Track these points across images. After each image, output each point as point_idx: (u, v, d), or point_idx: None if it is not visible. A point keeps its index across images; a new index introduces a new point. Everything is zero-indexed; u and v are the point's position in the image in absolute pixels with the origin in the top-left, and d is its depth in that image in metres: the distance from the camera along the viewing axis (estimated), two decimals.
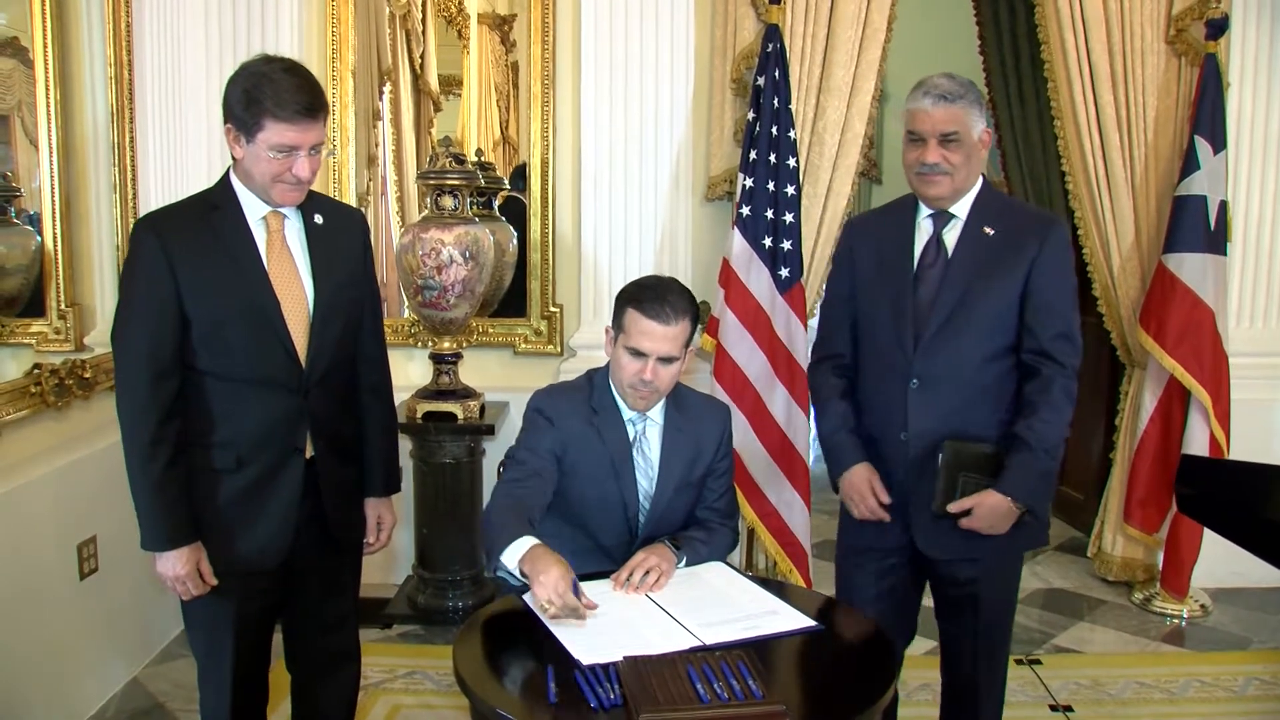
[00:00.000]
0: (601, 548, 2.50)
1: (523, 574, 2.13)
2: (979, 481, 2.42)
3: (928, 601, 2.70)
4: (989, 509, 2.40)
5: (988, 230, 2.46)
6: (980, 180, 2.51)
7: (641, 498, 2.50)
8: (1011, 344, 2.46)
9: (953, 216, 2.49)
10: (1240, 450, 4.08)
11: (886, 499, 2.52)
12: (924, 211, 2.52)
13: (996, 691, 2.66)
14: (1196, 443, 4.12)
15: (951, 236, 2.48)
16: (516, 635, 2.14)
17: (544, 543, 2.17)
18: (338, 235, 2.43)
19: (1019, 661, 3.76)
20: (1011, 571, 2.65)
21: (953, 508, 2.42)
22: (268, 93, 2.17)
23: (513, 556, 2.15)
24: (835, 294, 2.70)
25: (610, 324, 2.50)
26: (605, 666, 1.89)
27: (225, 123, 2.23)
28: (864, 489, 2.54)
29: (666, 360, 2.39)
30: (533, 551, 2.13)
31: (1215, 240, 4.05)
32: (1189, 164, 4.04)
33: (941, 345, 2.44)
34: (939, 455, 2.42)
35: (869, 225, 2.70)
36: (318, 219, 2.40)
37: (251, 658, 2.46)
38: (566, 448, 2.45)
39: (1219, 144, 4.03)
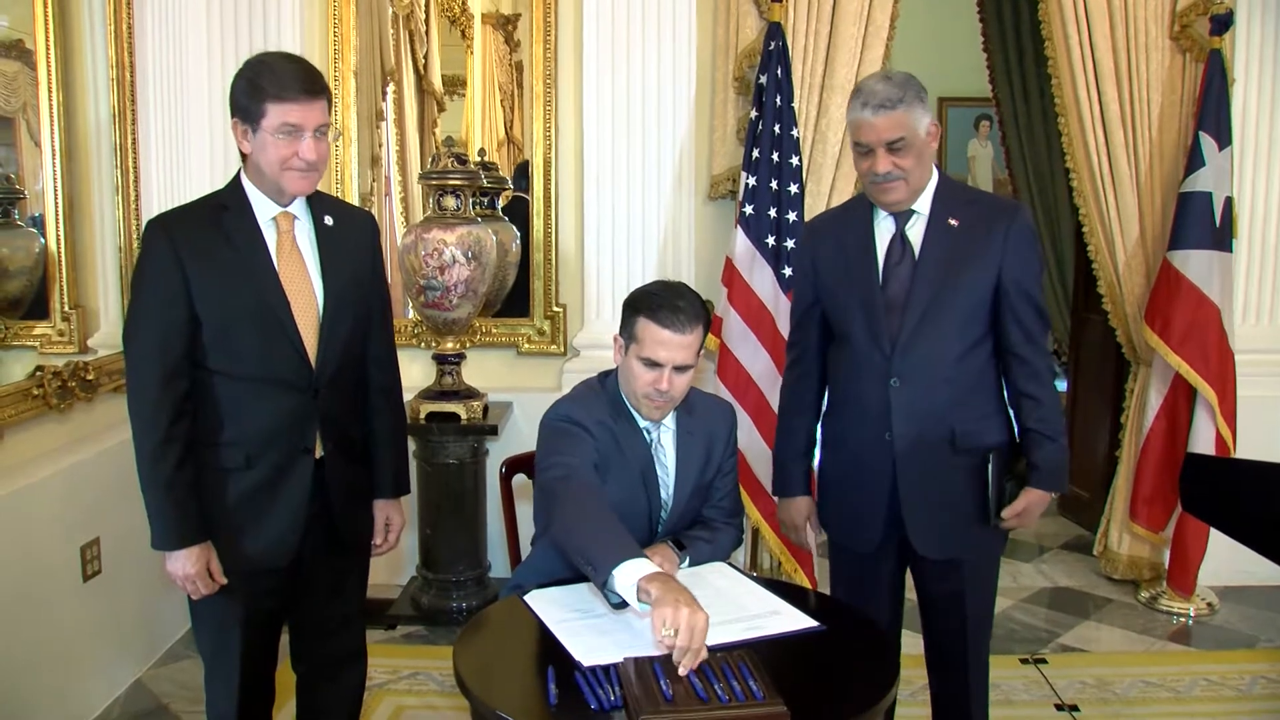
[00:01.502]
0: None
1: (641, 593, 1.93)
2: (1015, 483, 2.48)
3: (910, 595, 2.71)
4: (1037, 507, 2.49)
5: (952, 222, 2.43)
6: (936, 173, 2.48)
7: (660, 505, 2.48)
8: (985, 333, 2.46)
9: (914, 212, 2.46)
10: (1246, 448, 4.07)
11: (821, 538, 2.72)
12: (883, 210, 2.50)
13: (984, 685, 2.66)
14: (1202, 440, 4.11)
15: (915, 232, 2.46)
16: (517, 636, 2.14)
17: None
18: (347, 237, 2.44)
19: (1024, 661, 3.75)
20: (994, 567, 2.65)
21: (1009, 513, 2.46)
22: (268, 77, 2.20)
23: (630, 575, 1.95)
24: (800, 300, 2.68)
25: (619, 333, 2.44)
26: (606, 668, 1.88)
27: (232, 117, 2.26)
28: (800, 521, 2.71)
29: (681, 369, 2.35)
30: (663, 578, 1.94)
31: (1221, 237, 4.04)
32: (1194, 160, 4.02)
33: (919, 342, 2.42)
34: (988, 468, 2.43)
35: (828, 228, 2.66)
36: (328, 220, 2.40)
37: (259, 657, 2.46)
38: (600, 457, 2.38)
39: (1224, 140, 4.01)
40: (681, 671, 1.81)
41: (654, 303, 2.34)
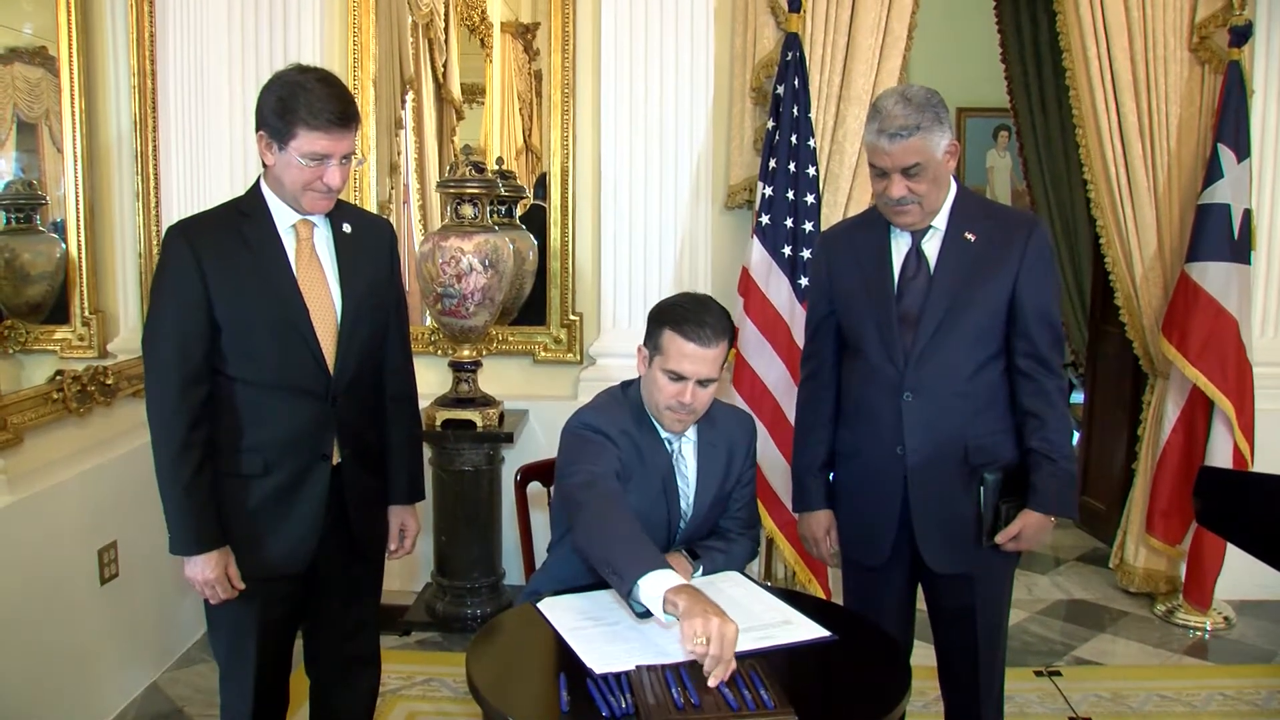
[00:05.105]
0: None
1: (668, 605, 1.90)
2: (1014, 504, 2.43)
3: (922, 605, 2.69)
4: (1034, 529, 2.43)
5: (968, 236, 2.41)
6: (954, 186, 2.46)
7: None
8: (1000, 349, 2.44)
9: (931, 226, 2.44)
10: (1264, 461, 4.03)
11: (835, 548, 2.68)
12: None
13: (997, 699, 2.65)
14: (1220, 454, 4.08)
15: (931, 247, 2.44)
16: (530, 643, 2.15)
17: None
18: (366, 244, 2.45)
19: (1039, 673, 3.74)
20: (1008, 580, 2.63)
21: (1002, 538, 2.43)
22: (302, 101, 2.19)
23: (656, 585, 1.93)
24: (815, 310, 2.67)
25: (643, 343, 2.43)
26: (618, 675, 1.89)
27: (258, 130, 2.26)
28: (821, 535, 2.68)
29: (705, 382, 2.34)
30: (690, 590, 1.91)
31: (1239, 249, 4.01)
32: (1212, 172, 4.00)
33: (932, 357, 2.41)
34: (980, 489, 2.41)
35: (843, 238, 2.64)
36: (346, 228, 2.42)
37: (274, 662, 2.47)
38: (622, 466, 2.35)
39: (1242, 152, 4.00)
40: (712, 682, 1.80)
41: (680, 315, 2.33)
